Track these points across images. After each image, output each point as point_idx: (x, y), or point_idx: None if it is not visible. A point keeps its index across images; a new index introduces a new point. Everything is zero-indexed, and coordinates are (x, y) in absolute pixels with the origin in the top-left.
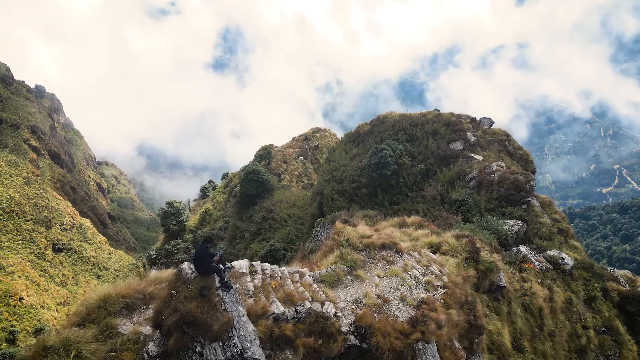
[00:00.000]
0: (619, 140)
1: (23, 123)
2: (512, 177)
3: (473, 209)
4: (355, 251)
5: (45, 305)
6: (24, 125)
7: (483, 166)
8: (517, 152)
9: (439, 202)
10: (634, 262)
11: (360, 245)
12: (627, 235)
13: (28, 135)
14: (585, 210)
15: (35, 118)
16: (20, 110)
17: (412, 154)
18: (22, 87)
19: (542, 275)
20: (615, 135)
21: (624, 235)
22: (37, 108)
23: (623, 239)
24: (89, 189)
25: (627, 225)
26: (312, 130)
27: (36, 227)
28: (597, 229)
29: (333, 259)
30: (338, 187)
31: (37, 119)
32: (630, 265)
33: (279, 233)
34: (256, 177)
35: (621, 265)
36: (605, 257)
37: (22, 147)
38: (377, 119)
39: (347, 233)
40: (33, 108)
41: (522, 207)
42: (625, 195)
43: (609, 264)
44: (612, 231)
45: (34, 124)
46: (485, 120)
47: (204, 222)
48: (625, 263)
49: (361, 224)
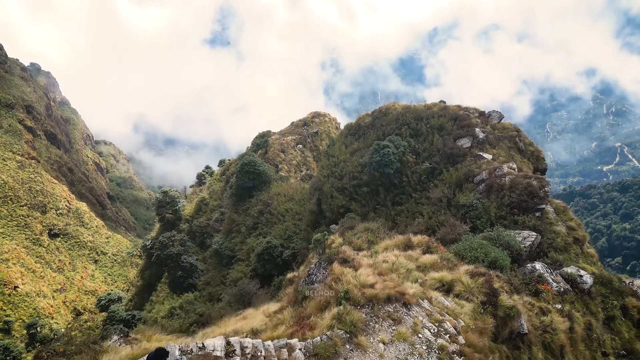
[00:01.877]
0: (622, 118)
1: (18, 103)
2: (525, 182)
3: (482, 216)
4: (356, 307)
5: (41, 292)
6: (19, 105)
7: (493, 168)
8: (527, 148)
9: (445, 205)
10: (633, 241)
11: (362, 298)
12: (627, 213)
13: (23, 116)
14: (586, 188)
15: (31, 97)
16: (14, 90)
17: (416, 150)
18: (17, 66)
19: (560, 299)
20: (618, 113)
21: (624, 213)
22: (32, 87)
23: (623, 218)
24: (87, 169)
25: (628, 203)
26: (312, 115)
27: (31, 212)
28: (597, 208)
29: (329, 319)
30: (338, 184)
31: (32, 99)
32: (630, 244)
33: (276, 228)
34: (252, 168)
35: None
36: (604, 235)
37: (17, 127)
38: (379, 111)
39: (347, 281)
40: (28, 87)
41: (535, 216)
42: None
43: (609, 242)
44: (612, 210)
45: (29, 103)
46: (494, 114)
47: (199, 211)
48: (625, 242)
49: (363, 265)
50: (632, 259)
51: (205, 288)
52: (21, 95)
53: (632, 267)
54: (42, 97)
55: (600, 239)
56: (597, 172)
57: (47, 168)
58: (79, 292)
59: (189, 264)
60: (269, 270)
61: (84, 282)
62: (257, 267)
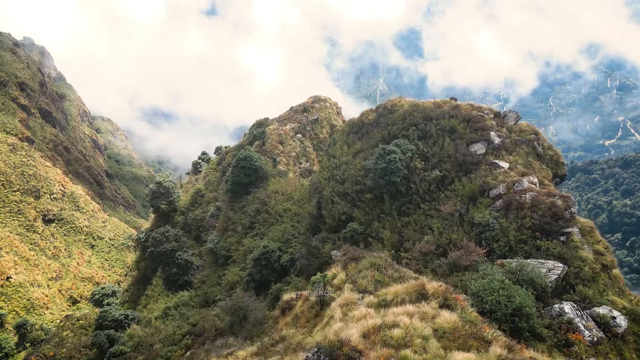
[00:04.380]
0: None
1: (10, 80)
2: (549, 201)
3: (500, 239)
4: None
5: (36, 282)
6: (12, 82)
7: (511, 181)
8: (546, 152)
9: (457, 221)
10: (634, 217)
11: None
12: (628, 189)
13: (16, 93)
14: (588, 164)
15: (24, 74)
16: (6, 66)
17: (424, 155)
18: (8, 40)
19: (593, 351)
20: (623, 87)
21: (625, 189)
22: (25, 63)
23: (624, 194)
24: (84, 146)
25: (629, 179)
26: (312, 100)
27: (24, 197)
28: (599, 184)
29: None
30: (339, 189)
31: (26, 75)
32: (630, 220)
33: (273, 229)
34: (249, 164)
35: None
36: (605, 211)
37: (10, 106)
38: (384, 108)
39: None
40: (21, 63)
41: (560, 241)
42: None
43: (609, 218)
44: (613, 185)
45: (23, 80)
46: (510, 115)
47: (195, 203)
48: (625, 217)
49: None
50: (632, 235)
51: (200, 287)
52: (14, 72)
53: (631, 244)
54: (35, 73)
55: (601, 215)
56: (599, 147)
57: (42, 147)
58: (75, 280)
59: (184, 260)
60: (265, 275)
61: (80, 268)
62: (254, 272)
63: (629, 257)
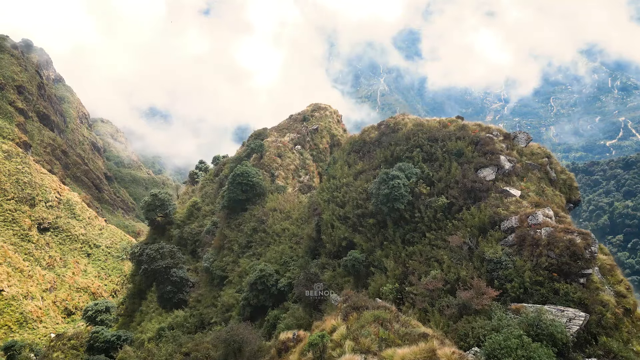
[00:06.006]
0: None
1: (8, 83)
2: (566, 239)
3: (514, 279)
4: None
5: (29, 294)
6: (9, 86)
7: (525, 214)
8: (559, 177)
9: (466, 254)
10: (635, 219)
11: None
12: (630, 191)
13: (14, 97)
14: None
15: (22, 77)
16: (4, 70)
17: (430, 179)
18: (6, 43)
19: None
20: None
21: (627, 191)
22: (23, 65)
23: (626, 195)
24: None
25: (631, 180)
26: (311, 108)
27: (19, 206)
28: (600, 185)
29: None
30: (339, 212)
31: (24, 78)
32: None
33: (270, 250)
34: (246, 180)
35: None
36: (606, 212)
37: (7, 110)
38: (386, 126)
39: None
40: (19, 66)
41: (579, 283)
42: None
43: (610, 220)
44: (614, 187)
45: (20, 83)
46: (520, 137)
47: (191, 216)
48: (627, 219)
49: None
50: (634, 236)
51: (195, 306)
52: (11, 75)
53: (633, 245)
54: (34, 76)
55: (602, 216)
56: (600, 147)
57: (39, 152)
58: (70, 290)
59: (179, 277)
60: (262, 301)
61: (75, 278)
62: (250, 297)
63: (630, 259)
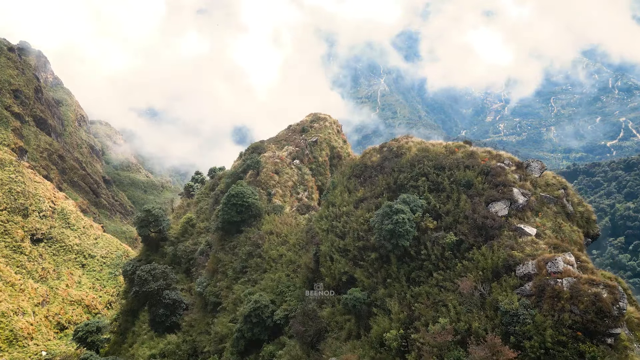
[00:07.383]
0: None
1: (4, 87)
2: (592, 293)
3: (533, 336)
4: None
5: (20, 310)
6: (5, 90)
7: (543, 260)
8: (576, 209)
9: (478, 302)
10: (637, 220)
11: None
12: (632, 192)
13: (10, 101)
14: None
15: (18, 81)
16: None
17: (436, 211)
18: (3, 46)
19: None
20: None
21: (628, 192)
22: (20, 69)
23: (627, 197)
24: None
25: (632, 182)
26: (310, 118)
27: (11, 216)
28: (601, 186)
29: None
30: (339, 243)
31: (20, 82)
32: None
33: (266, 277)
34: (241, 201)
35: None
36: (608, 214)
37: (3, 114)
38: (389, 149)
39: None
40: (15, 69)
41: (607, 344)
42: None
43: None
44: (616, 188)
45: (17, 87)
46: (534, 166)
47: (185, 233)
48: (628, 221)
49: None
50: (635, 238)
51: (188, 331)
52: (7, 79)
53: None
54: (31, 79)
55: (604, 218)
56: (600, 148)
57: (35, 157)
58: (63, 304)
59: (171, 300)
60: (257, 334)
61: (69, 291)
62: (244, 329)
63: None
